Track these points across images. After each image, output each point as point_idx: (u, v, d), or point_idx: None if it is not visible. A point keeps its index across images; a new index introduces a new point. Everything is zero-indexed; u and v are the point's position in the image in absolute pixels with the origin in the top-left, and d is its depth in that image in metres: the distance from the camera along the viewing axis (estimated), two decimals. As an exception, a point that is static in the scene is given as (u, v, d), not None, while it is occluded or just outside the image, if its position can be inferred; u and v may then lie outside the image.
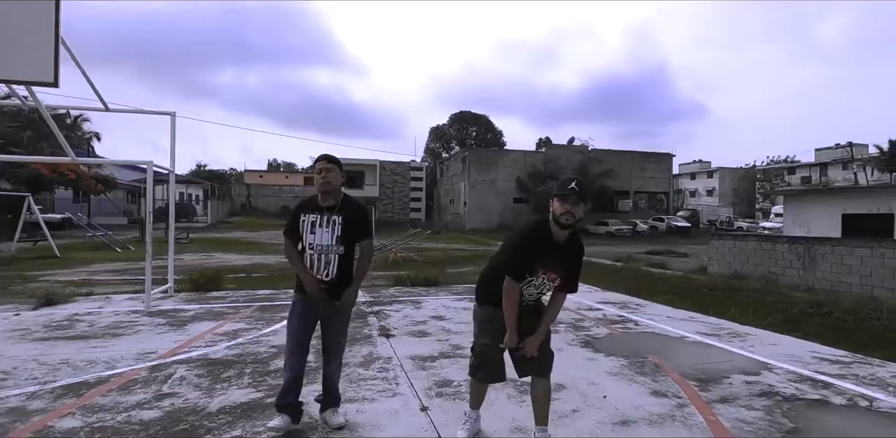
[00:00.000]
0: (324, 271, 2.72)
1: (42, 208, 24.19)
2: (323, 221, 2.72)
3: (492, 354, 2.55)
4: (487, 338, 2.56)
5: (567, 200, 2.31)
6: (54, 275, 9.50)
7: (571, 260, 2.45)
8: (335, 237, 2.71)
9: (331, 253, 2.71)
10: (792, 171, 52.64)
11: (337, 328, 2.82)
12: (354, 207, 2.82)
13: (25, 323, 5.20)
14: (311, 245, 2.72)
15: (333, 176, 2.75)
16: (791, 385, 3.60)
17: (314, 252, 2.71)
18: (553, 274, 2.43)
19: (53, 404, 3.04)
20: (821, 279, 9.07)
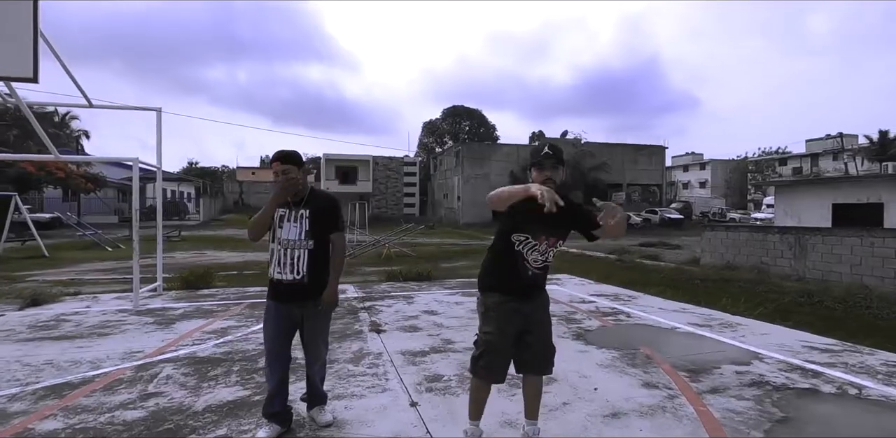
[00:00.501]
0: (292, 268, 2.54)
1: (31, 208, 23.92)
2: (291, 215, 2.57)
3: (496, 343, 2.32)
4: (491, 325, 2.35)
5: (544, 167, 2.23)
6: (42, 275, 9.38)
7: (570, 220, 2.30)
8: (303, 231, 2.56)
9: (298, 249, 2.55)
10: (783, 162, 52.97)
11: (317, 330, 2.68)
12: (323, 199, 2.67)
13: (10, 324, 5.12)
14: (278, 239, 2.57)
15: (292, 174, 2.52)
16: (781, 375, 3.60)
17: (281, 246, 2.55)
18: (553, 239, 2.32)
19: (35, 406, 2.98)
20: (811, 268, 9.12)
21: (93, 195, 29.16)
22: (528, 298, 2.37)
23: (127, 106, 6.70)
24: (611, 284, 8.13)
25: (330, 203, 2.68)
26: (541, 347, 2.40)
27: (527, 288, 2.36)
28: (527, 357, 2.40)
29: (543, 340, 2.41)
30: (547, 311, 2.46)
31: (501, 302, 2.35)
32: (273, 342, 2.60)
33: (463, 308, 6.08)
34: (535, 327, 2.39)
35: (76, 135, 32.50)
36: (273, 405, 2.61)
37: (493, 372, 2.37)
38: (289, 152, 2.57)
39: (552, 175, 2.23)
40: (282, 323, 2.60)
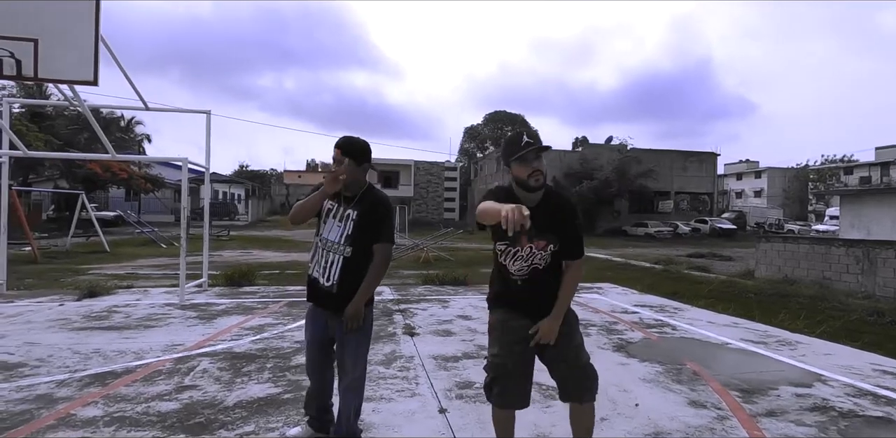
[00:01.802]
0: (324, 272, 2.29)
1: (97, 206, 25.66)
2: (338, 212, 2.30)
3: (506, 367, 2.05)
4: (496, 347, 2.10)
5: (528, 159, 1.94)
6: (102, 269, 9.96)
7: (558, 222, 2.02)
8: (345, 234, 2.27)
9: (334, 253, 2.28)
10: (849, 171, 49.42)
11: (348, 349, 2.30)
12: (376, 203, 2.31)
13: (67, 313, 5.42)
14: (320, 235, 2.35)
15: (350, 168, 2.24)
16: (849, 400, 3.26)
17: (321, 245, 2.33)
18: (541, 242, 2.02)
19: (80, 392, 3.10)
20: (882, 285, 8.37)
21: (152, 195, 30.95)
22: (535, 313, 2.07)
23: (179, 109, 7.03)
24: (656, 295, 7.75)
25: (382, 208, 2.32)
26: (566, 370, 2.07)
27: (523, 302, 2.08)
28: (556, 381, 2.11)
29: (567, 361, 2.06)
30: (570, 329, 2.10)
31: (505, 320, 2.12)
32: (309, 344, 2.42)
33: (499, 314, 5.93)
34: (551, 348, 2.07)
35: (139, 138, 34.58)
36: (310, 406, 2.51)
37: (510, 399, 2.08)
38: (353, 140, 2.29)
39: (539, 166, 1.95)
40: (316, 325, 2.38)
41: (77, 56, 4.44)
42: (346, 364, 2.31)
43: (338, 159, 2.26)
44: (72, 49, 4.41)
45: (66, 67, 4.45)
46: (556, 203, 2.05)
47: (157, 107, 6.78)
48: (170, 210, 33.01)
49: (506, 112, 57.49)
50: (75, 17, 4.40)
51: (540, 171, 1.96)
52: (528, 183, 1.97)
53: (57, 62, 4.39)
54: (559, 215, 2.03)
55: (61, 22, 4.37)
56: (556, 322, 2.04)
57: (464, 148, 58.96)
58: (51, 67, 4.38)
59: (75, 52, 4.43)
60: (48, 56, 4.33)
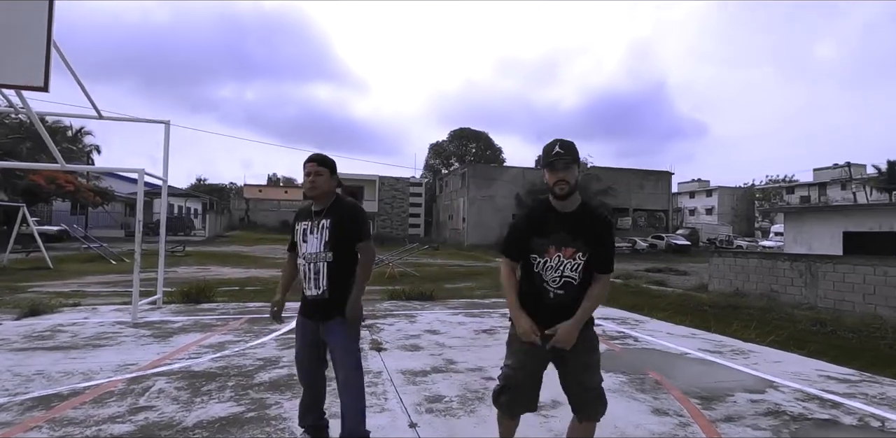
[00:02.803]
0: (314, 282, 2.40)
1: (39, 220, 24.12)
2: (313, 227, 2.43)
3: (518, 379, 2.12)
4: (512, 359, 2.16)
5: (556, 168, 2.02)
6: (44, 286, 9.33)
7: (589, 231, 2.04)
8: (322, 242, 2.40)
9: (318, 262, 2.40)
10: (791, 191, 52.83)
11: (342, 352, 2.42)
12: (345, 208, 2.47)
13: (5, 334, 5.04)
14: (302, 254, 2.46)
15: (322, 179, 2.43)
16: (798, 404, 3.44)
17: (304, 261, 2.43)
18: (570, 250, 2.04)
19: (20, 417, 2.88)
20: (823, 297, 8.91)
21: (101, 209, 29.40)
22: (548, 311, 2.07)
23: (136, 118, 6.79)
24: (617, 308, 7.96)
25: (352, 210, 2.47)
26: (580, 391, 2.07)
27: (554, 316, 2.05)
28: (569, 399, 2.13)
29: (582, 383, 2.07)
30: (587, 348, 2.09)
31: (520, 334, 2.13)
32: (299, 357, 2.53)
33: (465, 328, 5.94)
34: (565, 363, 2.08)
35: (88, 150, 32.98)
36: (305, 417, 2.57)
37: (517, 409, 2.20)
38: (326, 157, 2.50)
39: (565, 176, 2.02)
40: (310, 337, 2.48)
41: (27, 60, 4.24)
42: (340, 361, 2.44)
43: (314, 171, 2.44)
44: (21, 52, 4.22)
45: (14, 72, 4.25)
46: (592, 215, 2.10)
47: (112, 116, 6.52)
48: (120, 224, 31.43)
49: (470, 129, 58.42)
50: (26, 19, 4.22)
51: (565, 181, 2.03)
52: (554, 190, 2.07)
53: (5, 66, 4.19)
54: (594, 228, 2.06)
55: (10, 24, 4.18)
56: (575, 327, 2.01)
57: (429, 164, 59.32)
58: (-2, 72, 4.17)
59: (25, 55, 4.23)
60: (-5, 59, 4.12)
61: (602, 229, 2.08)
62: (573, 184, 2.04)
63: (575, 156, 2.05)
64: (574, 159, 2.04)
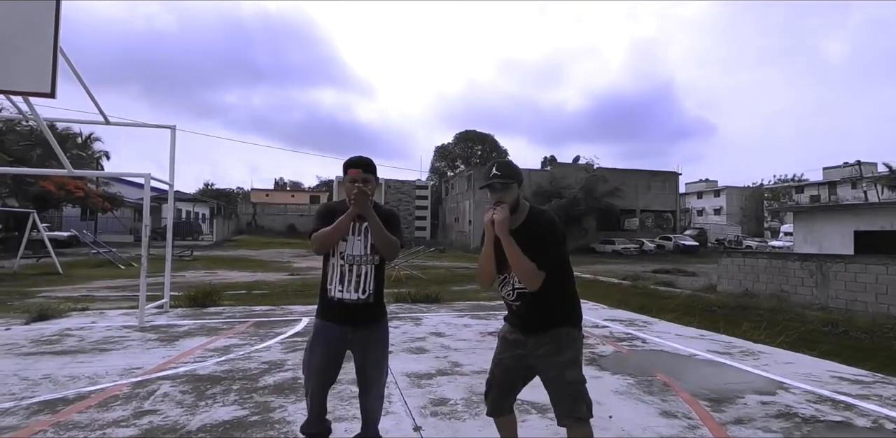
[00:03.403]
0: (357, 286, 2.31)
1: (50, 226, 24.41)
2: (354, 228, 2.32)
3: (495, 376, 2.22)
4: (495, 357, 2.25)
5: (495, 188, 2.06)
6: (54, 291, 9.41)
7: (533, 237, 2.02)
8: (368, 245, 2.32)
9: (365, 264, 2.32)
10: (800, 190, 52.29)
11: (378, 355, 2.40)
12: (386, 213, 2.41)
13: (14, 338, 5.07)
14: (342, 254, 2.31)
15: (371, 187, 2.31)
16: (810, 406, 3.37)
17: (346, 262, 2.30)
18: None
19: (26, 421, 2.88)
20: (834, 297, 8.79)
21: (110, 214, 29.68)
22: (530, 332, 2.13)
23: (142, 123, 6.85)
24: (625, 309, 7.89)
25: (393, 217, 2.44)
26: (549, 387, 2.07)
27: (522, 322, 2.15)
28: (549, 396, 2.10)
29: (552, 379, 2.06)
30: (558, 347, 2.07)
31: (504, 334, 2.26)
32: (323, 365, 2.32)
33: (471, 330, 5.91)
34: (539, 364, 2.10)
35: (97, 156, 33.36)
36: (312, 427, 2.43)
37: (490, 407, 2.25)
38: (369, 160, 2.35)
39: (502, 197, 2.05)
40: (335, 345, 2.33)
41: (34, 66, 4.28)
42: (373, 372, 2.38)
43: (361, 178, 2.27)
44: (28, 59, 4.25)
45: (21, 78, 4.27)
46: (535, 222, 2.10)
47: (118, 122, 6.58)
48: (129, 230, 31.72)
49: (476, 131, 58.43)
50: (32, 25, 4.25)
51: (502, 202, 2.06)
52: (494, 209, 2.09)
53: (11, 72, 4.22)
54: (537, 232, 2.05)
55: (17, 30, 4.21)
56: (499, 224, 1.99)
57: (435, 166, 59.39)
58: (4, 78, 4.20)
59: (32, 62, 4.26)
60: (1, 66, 4.17)
61: (543, 229, 2.06)
62: (512, 203, 2.08)
63: (513, 176, 2.08)
64: (512, 179, 2.07)
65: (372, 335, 2.36)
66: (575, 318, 2.15)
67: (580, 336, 2.16)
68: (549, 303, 2.09)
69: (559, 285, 2.10)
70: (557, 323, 2.10)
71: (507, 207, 2.04)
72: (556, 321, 2.10)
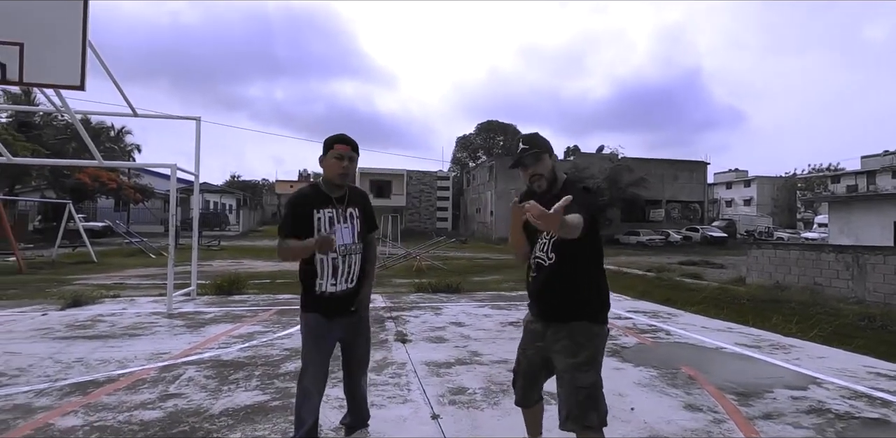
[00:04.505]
0: (348, 276, 2.25)
1: (86, 216, 25.33)
2: (339, 216, 2.25)
3: (519, 364, 2.16)
4: (519, 345, 2.19)
5: (526, 163, 1.93)
6: (89, 279, 9.77)
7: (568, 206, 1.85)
8: (355, 233, 2.28)
9: (354, 254, 2.27)
10: (836, 180, 50.19)
11: (365, 341, 2.45)
12: (362, 195, 2.40)
13: (49, 323, 5.28)
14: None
15: (353, 166, 2.28)
16: (844, 402, 3.24)
17: (338, 254, 2.21)
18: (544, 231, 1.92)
19: (59, 401, 3.00)
20: (872, 291, 8.42)
21: (141, 205, 30.62)
22: (547, 318, 2.00)
23: (169, 115, 6.97)
24: (649, 301, 7.73)
25: (368, 199, 2.44)
26: (561, 390, 1.91)
27: (535, 302, 2.04)
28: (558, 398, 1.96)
29: (562, 378, 1.91)
30: (574, 345, 1.91)
31: (526, 322, 2.18)
32: (324, 364, 2.28)
33: (491, 320, 5.88)
34: (554, 361, 1.97)
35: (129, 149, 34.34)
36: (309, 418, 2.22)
37: (518, 397, 2.19)
38: (355, 141, 2.27)
39: (536, 169, 1.94)
40: (330, 339, 2.30)
41: (64, 60, 4.38)
42: (367, 349, 2.46)
43: (349, 156, 2.24)
44: (58, 53, 4.36)
45: (52, 72, 4.39)
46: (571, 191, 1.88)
47: (145, 114, 6.71)
48: (159, 220, 32.65)
49: (498, 121, 57.88)
50: (62, 21, 4.35)
51: (538, 174, 1.93)
52: (532, 187, 1.99)
53: (43, 66, 4.33)
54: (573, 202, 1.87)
55: (48, 25, 4.32)
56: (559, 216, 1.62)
57: (456, 157, 59.16)
58: (37, 71, 4.32)
59: (62, 56, 4.37)
60: (34, 60, 4.27)
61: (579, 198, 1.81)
62: (548, 174, 1.95)
63: (541, 145, 1.95)
64: (542, 149, 1.94)
65: (363, 323, 2.43)
66: (596, 310, 1.96)
67: (603, 332, 1.96)
68: (568, 284, 1.92)
69: (583, 265, 1.92)
70: (576, 314, 1.93)
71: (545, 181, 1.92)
72: (575, 311, 1.93)
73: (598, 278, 1.98)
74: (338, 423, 2.63)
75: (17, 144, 17.57)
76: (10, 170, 19.74)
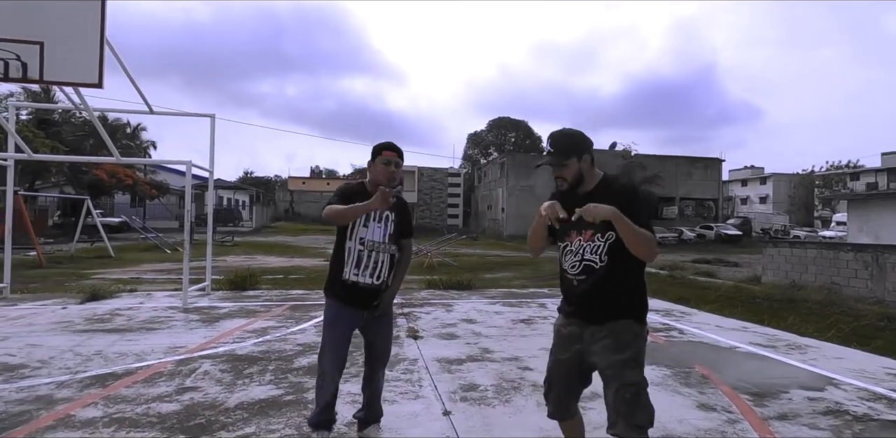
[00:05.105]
0: (372, 272, 2.38)
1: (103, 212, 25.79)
2: (376, 215, 2.40)
3: (552, 373, 2.02)
4: (551, 352, 2.05)
5: (552, 165, 1.92)
6: (106, 274, 9.96)
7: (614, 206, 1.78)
8: (388, 234, 2.42)
9: (382, 252, 2.41)
10: (856, 177, 49.15)
11: (386, 335, 2.56)
12: (403, 204, 2.54)
13: (70, 316, 5.40)
14: (361, 239, 2.37)
15: (400, 171, 2.48)
16: (862, 404, 3.19)
17: (364, 248, 2.36)
18: (588, 232, 1.87)
19: (80, 393, 3.07)
20: (892, 290, 8.25)
21: (157, 201, 31.09)
22: (589, 320, 1.90)
23: (184, 112, 7.07)
24: (662, 299, 7.67)
25: (408, 208, 2.61)
26: (608, 390, 1.83)
27: (577, 305, 1.93)
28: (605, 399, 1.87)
29: (608, 380, 1.83)
30: (617, 342, 1.83)
31: (559, 327, 2.03)
32: (339, 346, 2.41)
33: (503, 318, 5.88)
34: (596, 361, 1.87)
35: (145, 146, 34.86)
36: (324, 413, 2.44)
37: (551, 408, 2.04)
38: (400, 148, 2.45)
39: (560, 172, 1.92)
40: (347, 328, 2.43)
41: (82, 58, 4.46)
42: (384, 344, 2.54)
43: (395, 162, 2.42)
44: (77, 52, 4.44)
45: (71, 70, 4.48)
46: (610, 190, 1.90)
47: (161, 111, 6.80)
48: (175, 216, 33.14)
49: (509, 118, 57.59)
50: (81, 20, 4.43)
51: (561, 178, 1.94)
52: (558, 188, 1.99)
53: (62, 65, 4.42)
54: (617, 203, 1.79)
55: (67, 24, 4.40)
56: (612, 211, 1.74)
57: (468, 154, 59.04)
58: (56, 70, 4.41)
59: (81, 54, 4.45)
60: (53, 58, 4.36)
61: (628, 199, 1.84)
62: (572, 179, 1.92)
63: (569, 151, 1.91)
64: (569, 154, 1.90)
65: (385, 320, 2.51)
66: (639, 310, 1.90)
67: (644, 332, 1.91)
68: (616, 288, 1.85)
69: (632, 267, 1.87)
70: (618, 314, 1.86)
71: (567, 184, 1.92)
72: (617, 311, 1.86)
73: (641, 281, 1.95)
74: (351, 417, 2.67)
75: (37, 141, 17.92)
76: (30, 167, 20.16)
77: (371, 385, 2.56)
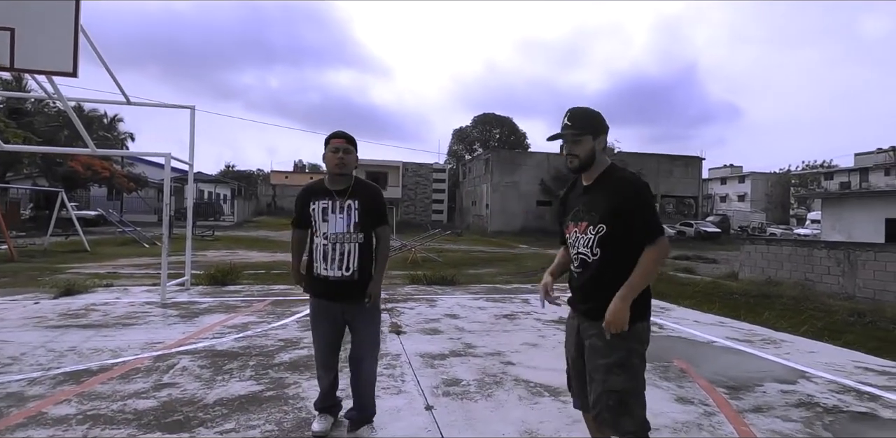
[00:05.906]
0: (340, 264, 2.38)
1: (78, 205, 25.12)
2: (335, 207, 2.40)
3: (567, 364, 2.05)
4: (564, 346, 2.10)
5: (565, 140, 1.86)
6: (82, 268, 9.71)
7: (607, 200, 1.77)
8: (352, 224, 2.40)
9: (347, 242, 2.39)
10: (830, 176, 50.52)
11: (366, 331, 2.51)
12: (370, 190, 2.50)
13: (42, 311, 5.26)
14: (324, 234, 2.40)
15: (350, 157, 2.44)
16: (833, 396, 3.28)
17: (328, 241, 2.38)
18: (583, 224, 1.84)
19: (52, 390, 2.99)
20: (862, 287, 8.52)
21: (135, 194, 30.39)
22: (582, 314, 1.89)
23: (162, 103, 6.89)
24: (642, 295, 7.78)
25: (377, 193, 2.54)
26: (592, 394, 1.78)
27: (576, 299, 1.93)
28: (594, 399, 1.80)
29: (594, 380, 1.78)
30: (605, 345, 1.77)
31: (568, 317, 2.05)
32: (324, 341, 2.49)
33: (486, 313, 5.90)
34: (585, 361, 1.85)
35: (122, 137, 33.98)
36: (325, 400, 2.59)
37: (573, 397, 2.05)
38: (350, 135, 2.48)
39: (572, 149, 1.84)
40: (330, 322, 2.47)
41: (56, 46, 4.31)
42: (364, 340, 2.51)
43: (343, 148, 2.44)
44: (50, 38, 4.29)
45: (43, 57, 4.32)
46: (611, 182, 1.83)
47: (139, 102, 6.63)
48: (153, 210, 32.44)
49: (494, 114, 57.61)
50: (53, 5, 4.27)
51: (573, 155, 1.85)
52: (567, 165, 1.91)
53: (34, 52, 4.26)
54: (614, 195, 1.77)
55: (39, 10, 4.24)
56: (617, 307, 1.70)
57: (453, 149, 58.93)
58: (28, 57, 4.25)
59: (54, 41, 4.30)
60: (25, 46, 4.20)
61: (624, 194, 1.76)
62: (584, 157, 1.84)
63: (587, 127, 1.84)
64: (585, 130, 1.83)
65: (363, 311, 2.47)
66: (636, 306, 1.76)
67: (641, 329, 1.81)
68: (610, 283, 1.77)
69: (627, 260, 1.77)
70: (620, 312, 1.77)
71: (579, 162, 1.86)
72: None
73: None
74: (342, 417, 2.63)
75: (9, 131, 17.32)
76: (1, 158, 19.50)
77: (357, 378, 2.53)
